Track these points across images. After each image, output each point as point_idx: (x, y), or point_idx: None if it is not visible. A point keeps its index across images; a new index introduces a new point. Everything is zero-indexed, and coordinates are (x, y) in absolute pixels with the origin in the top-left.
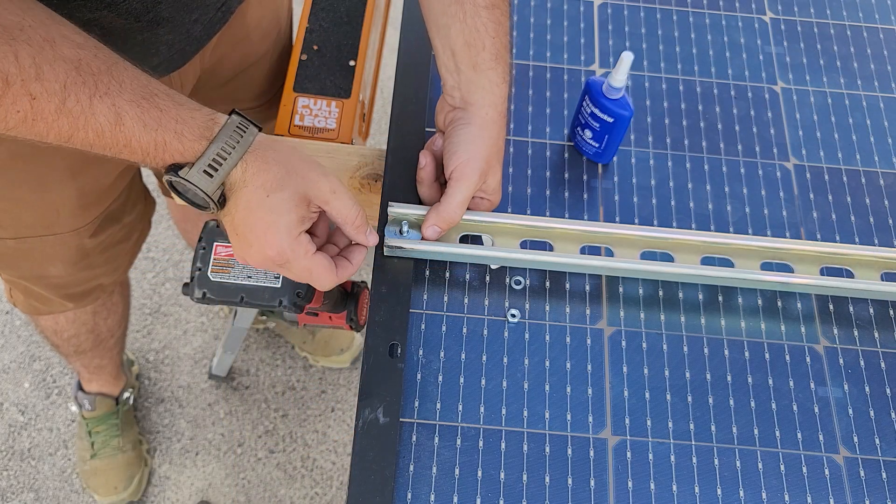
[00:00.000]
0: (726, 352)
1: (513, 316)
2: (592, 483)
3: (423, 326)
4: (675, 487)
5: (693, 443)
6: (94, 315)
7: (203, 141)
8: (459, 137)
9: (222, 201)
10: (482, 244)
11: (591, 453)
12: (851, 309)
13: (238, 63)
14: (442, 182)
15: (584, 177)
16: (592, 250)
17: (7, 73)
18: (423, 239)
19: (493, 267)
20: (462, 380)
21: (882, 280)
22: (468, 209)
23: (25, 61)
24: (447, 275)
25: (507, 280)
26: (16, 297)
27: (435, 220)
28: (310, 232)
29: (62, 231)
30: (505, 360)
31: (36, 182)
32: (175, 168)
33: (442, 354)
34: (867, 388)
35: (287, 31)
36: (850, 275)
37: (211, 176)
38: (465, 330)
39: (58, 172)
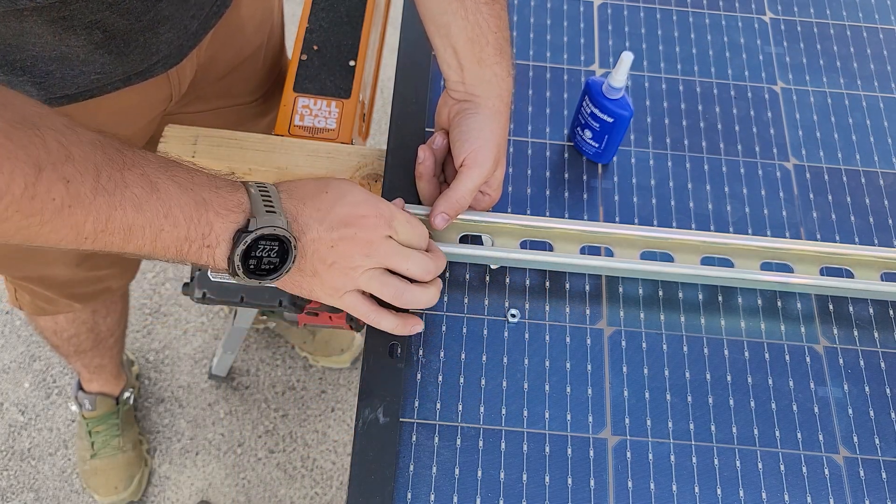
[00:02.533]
0: (726, 352)
1: (513, 316)
2: (592, 483)
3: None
4: (674, 487)
5: (693, 443)
6: (94, 314)
7: (240, 190)
8: (470, 125)
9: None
10: (482, 244)
11: (591, 453)
12: (851, 309)
13: (233, 57)
14: (442, 179)
15: (584, 177)
16: (592, 250)
17: (38, 158)
18: (431, 227)
19: (492, 267)
20: (462, 380)
21: (882, 280)
22: (468, 207)
23: (53, 145)
24: (447, 275)
25: (507, 280)
26: (22, 299)
27: (445, 207)
28: None
29: None
30: (505, 360)
31: None
32: (240, 233)
33: (442, 354)
34: (867, 388)
35: (280, 24)
36: (849, 275)
37: (275, 212)
38: (464, 330)
39: None
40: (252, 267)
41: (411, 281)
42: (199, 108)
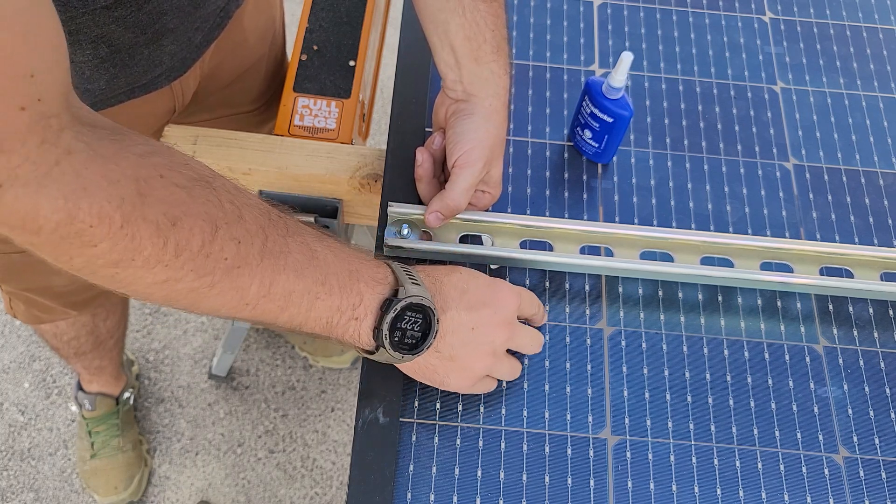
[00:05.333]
0: (726, 352)
1: None
2: (592, 483)
3: None
4: (674, 487)
5: (693, 443)
6: (94, 317)
7: (383, 264)
8: (463, 127)
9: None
10: (482, 244)
11: (591, 453)
12: (851, 309)
13: (236, 67)
14: (441, 179)
15: (584, 177)
16: (592, 250)
17: (214, 216)
18: (425, 225)
19: (492, 267)
20: None
21: (881, 280)
22: (468, 206)
23: (227, 205)
24: None
25: (507, 280)
26: (16, 308)
27: (438, 207)
28: None
29: None
30: None
31: None
32: (387, 304)
33: None
34: (867, 388)
35: (281, 34)
36: (849, 275)
37: (419, 285)
38: None
39: None
40: (396, 340)
41: None
42: (202, 118)
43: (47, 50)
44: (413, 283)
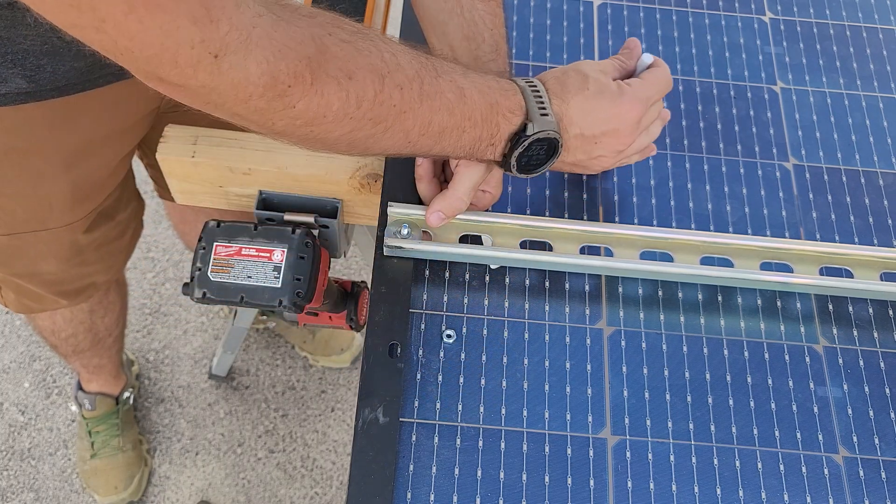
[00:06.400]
0: (726, 352)
1: (448, 337)
2: (592, 483)
3: (423, 326)
4: (674, 487)
5: (692, 443)
6: (91, 314)
7: (518, 94)
8: None
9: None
10: (482, 244)
11: (591, 453)
12: (851, 309)
13: None
14: (441, 179)
15: (584, 177)
16: (592, 250)
17: (379, 67)
18: (425, 225)
19: (492, 267)
20: (462, 379)
21: (881, 280)
22: (469, 206)
23: (387, 55)
24: (447, 275)
25: (507, 280)
26: (6, 297)
27: (440, 206)
28: None
29: (55, 226)
30: (504, 359)
31: (30, 175)
32: (519, 136)
33: (441, 354)
34: (866, 388)
35: None
36: (849, 275)
37: (547, 115)
38: (464, 330)
39: (52, 166)
40: (524, 163)
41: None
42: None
43: None
44: (542, 113)
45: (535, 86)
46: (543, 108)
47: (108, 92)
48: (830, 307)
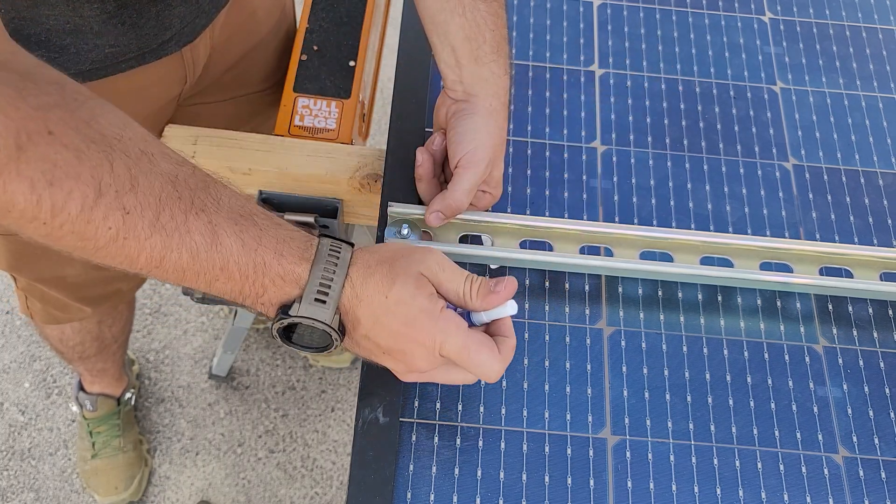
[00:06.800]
0: (725, 352)
1: None
2: (592, 483)
3: None
4: (674, 487)
5: (692, 442)
6: (100, 324)
7: (304, 263)
8: (465, 127)
9: (342, 330)
10: (482, 244)
11: (591, 453)
12: (850, 309)
13: (245, 40)
14: (441, 180)
15: (584, 177)
16: (592, 250)
17: (100, 181)
18: (425, 225)
19: (492, 267)
20: None
21: (881, 280)
22: (469, 206)
23: (121, 171)
24: None
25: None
26: (33, 307)
27: (440, 207)
28: None
29: None
30: None
31: None
32: (284, 309)
33: None
34: (866, 388)
35: (291, 10)
36: (849, 275)
37: (324, 303)
38: None
39: None
40: (293, 338)
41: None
42: (216, 98)
43: None
44: (319, 299)
45: (336, 262)
46: (324, 293)
47: (131, 77)
48: (830, 307)
